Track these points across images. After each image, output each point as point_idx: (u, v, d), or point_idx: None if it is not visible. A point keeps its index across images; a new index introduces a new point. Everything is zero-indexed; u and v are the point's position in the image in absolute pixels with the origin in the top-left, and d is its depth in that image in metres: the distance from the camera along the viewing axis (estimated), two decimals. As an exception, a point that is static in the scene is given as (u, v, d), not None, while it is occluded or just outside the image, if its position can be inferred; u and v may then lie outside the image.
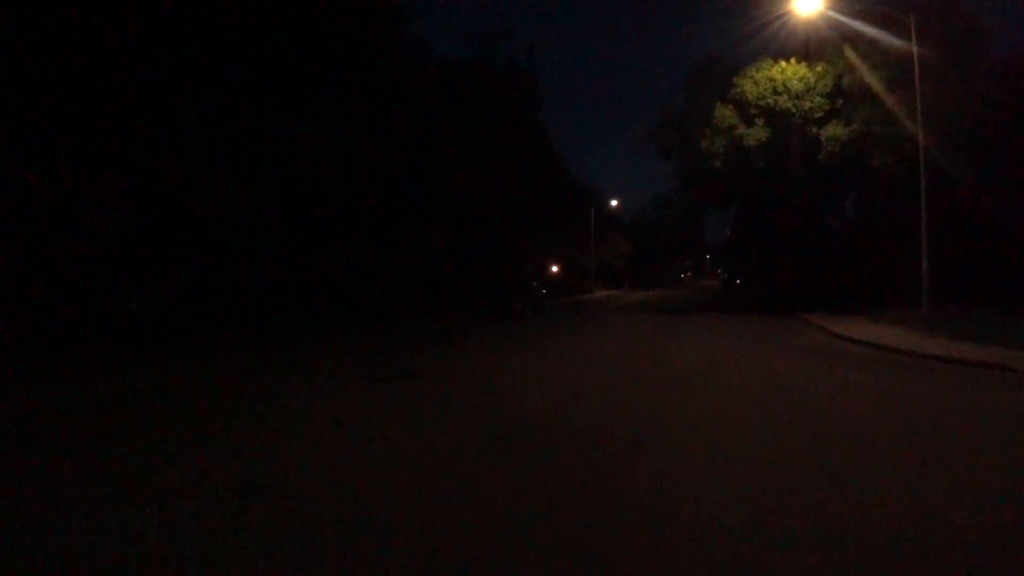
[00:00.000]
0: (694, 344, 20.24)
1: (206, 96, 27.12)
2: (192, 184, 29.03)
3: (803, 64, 29.77)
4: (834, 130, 29.11)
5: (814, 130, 30.02)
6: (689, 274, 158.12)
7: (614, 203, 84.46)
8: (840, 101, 29.45)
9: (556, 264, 75.77)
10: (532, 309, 37.09)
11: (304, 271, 36.21)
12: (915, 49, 22.12)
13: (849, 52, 26.21)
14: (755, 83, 30.60)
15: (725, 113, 31.61)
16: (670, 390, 11.79)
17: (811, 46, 29.68)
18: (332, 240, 38.08)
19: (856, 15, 27.25)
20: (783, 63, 30.14)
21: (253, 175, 35.11)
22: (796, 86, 29.59)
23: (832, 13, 26.96)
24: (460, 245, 49.78)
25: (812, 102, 29.58)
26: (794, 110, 29.87)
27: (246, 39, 27.15)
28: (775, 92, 30.09)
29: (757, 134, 31.02)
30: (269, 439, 8.69)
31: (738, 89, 31.21)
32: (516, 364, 16.29)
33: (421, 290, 41.60)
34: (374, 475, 6.90)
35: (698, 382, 12.84)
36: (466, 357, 18.18)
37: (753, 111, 31.05)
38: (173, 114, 25.97)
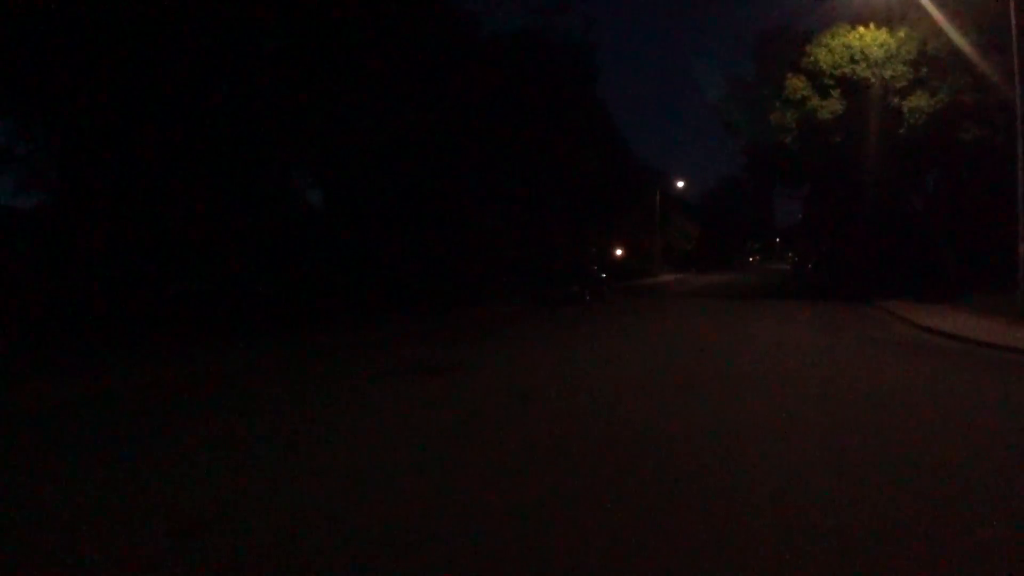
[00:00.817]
0: (762, 334, 18.57)
1: (245, 72, 26.08)
2: (231, 166, 28.19)
3: (884, 29, 27.32)
4: (918, 100, 26.69)
5: (895, 101, 27.60)
6: (758, 257, 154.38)
7: (680, 184, 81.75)
8: (925, 69, 26.98)
9: (620, 247, 74.01)
10: (591, 294, 35.49)
11: (352, 255, 35.22)
12: (1012, 7, 19.76)
13: (936, 13, 23.78)
14: (830, 51, 28.27)
15: (797, 84, 29.36)
16: (735, 394, 10.31)
17: (893, 9, 27.17)
18: (381, 222, 37.02)
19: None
20: (861, 28, 27.71)
21: (298, 154, 34.32)
22: (876, 53, 27.17)
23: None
24: (517, 227, 48.38)
25: (894, 70, 27.13)
26: (873, 79, 27.50)
27: (291, 13, 26.11)
28: (852, 60, 27.74)
29: (832, 106, 28.70)
30: (235, 462, 7.43)
31: (811, 58, 28.90)
32: (562, 357, 14.92)
33: (476, 275, 40.28)
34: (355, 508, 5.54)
35: (768, 384, 11.33)
36: (510, 348, 16.89)
37: (828, 81, 28.72)
38: (207, 93, 25.10)
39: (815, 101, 28.99)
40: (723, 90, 38.97)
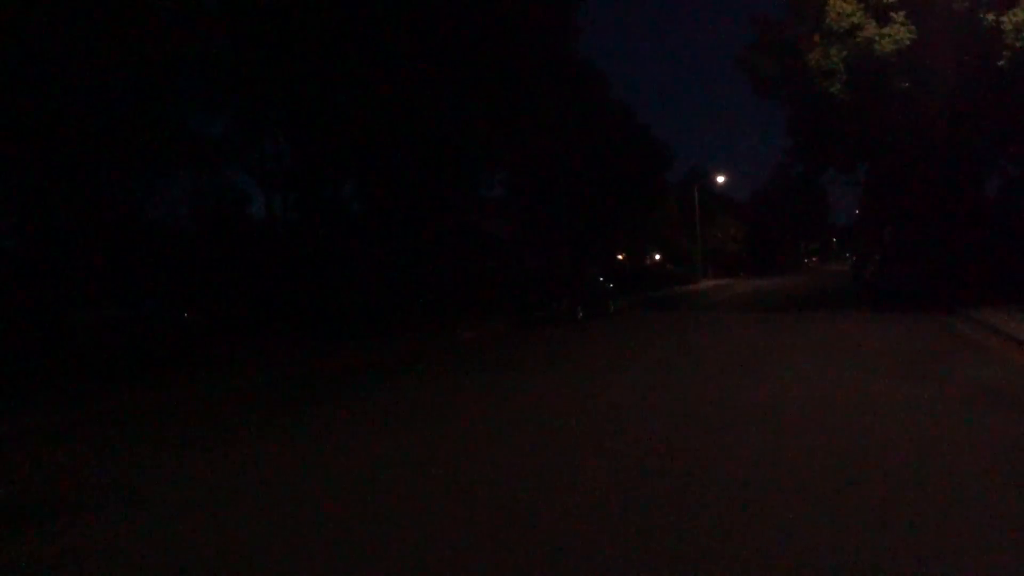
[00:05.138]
0: (802, 382, 10.67)
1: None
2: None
3: (967, -88, 18.79)
4: (1024, 14, 18.15)
5: (989, 19, 19.03)
6: (814, 259, 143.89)
7: (721, 179, 73.37)
8: (1030, -31, 18.51)
9: (657, 252, 66.54)
10: (587, 310, 27.41)
11: (309, 270, 28.11)
12: None
13: None
14: (889, -45, 19.92)
15: (843, 7, 20.89)
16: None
17: None
18: (346, 232, 30.00)
19: None
20: (933, -82, 19.33)
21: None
22: (957, -53, 18.70)
23: None
24: (523, 231, 40.83)
25: (984, -27, 18.64)
26: (955, -12, 18.95)
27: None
28: (922, -37, 19.33)
29: (895, 34, 20.08)
30: None
31: (862, -31, 20.56)
32: (425, 448, 7.36)
33: (456, 289, 32.45)
34: None
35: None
36: (343, 431, 9.54)
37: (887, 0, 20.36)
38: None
39: (871, 29, 20.47)
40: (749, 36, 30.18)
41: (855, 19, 20.72)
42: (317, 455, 8.01)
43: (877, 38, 20.31)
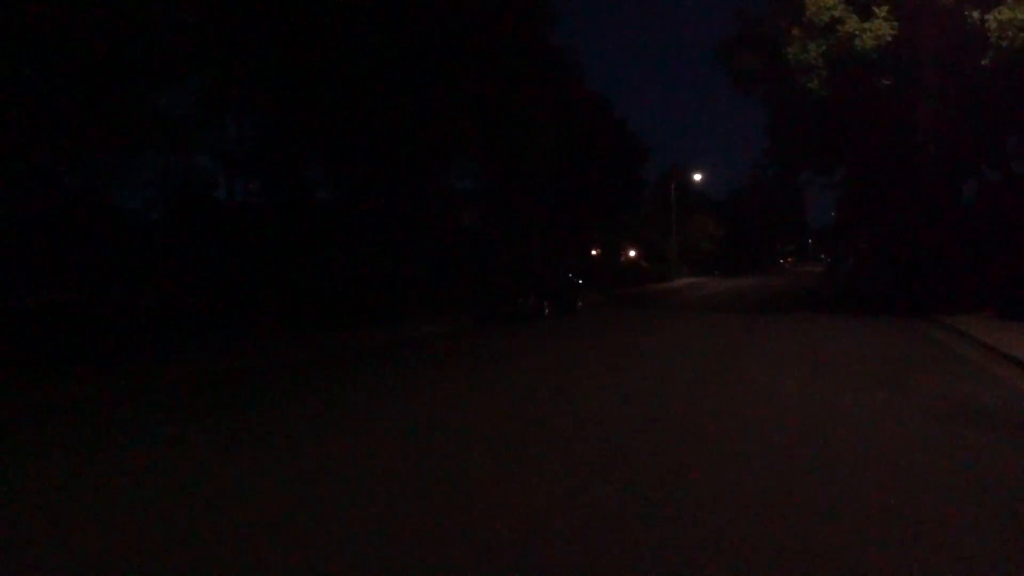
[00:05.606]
0: (765, 396, 9.80)
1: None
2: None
3: (955, -95, 18.04)
4: (1012, 12, 17.39)
5: (974, 17, 18.32)
6: (790, 259, 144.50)
7: (698, 177, 72.59)
8: (1018, -35, 17.77)
9: (634, 249, 65.79)
10: (554, 307, 26.64)
11: (276, 259, 27.04)
12: None
13: None
14: (874, -53, 19.12)
15: (823, 0, 20.11)
16: None
17: None
18: (321, 220, 28.96)
19: None
20: (920, -90, 18.56)
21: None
22: (943, -59, 17.95)
23: None
24: (495, 225, 39.83)
25: (971, -34, 17.90)
26: (940, -17, 18.21)
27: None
28: (907, -43, 18.57)
29: (877, 30, 19.35)
30: None
31: (845, -40, 19.75)
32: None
33: (431, 279, 31.38)
34: None
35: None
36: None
37: (870, -7, 19.58)
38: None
39: (852, 24, 19.70)
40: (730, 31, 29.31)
41: (836, 12, 19.93)
42: (230, 463, 7.08)
43: (858, 33, 19.55)
